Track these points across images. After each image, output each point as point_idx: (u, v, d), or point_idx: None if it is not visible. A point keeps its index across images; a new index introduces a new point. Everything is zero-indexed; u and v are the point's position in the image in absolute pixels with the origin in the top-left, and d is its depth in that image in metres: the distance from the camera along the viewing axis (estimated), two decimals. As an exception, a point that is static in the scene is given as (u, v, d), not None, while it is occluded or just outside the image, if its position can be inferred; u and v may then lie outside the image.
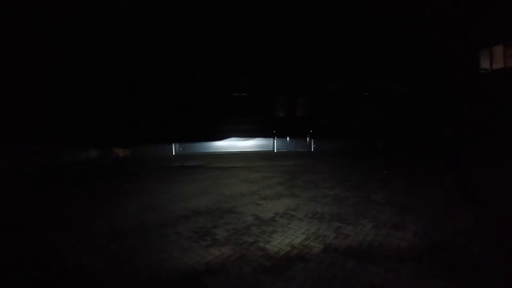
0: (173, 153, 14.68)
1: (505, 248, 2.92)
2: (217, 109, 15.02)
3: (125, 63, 12.91)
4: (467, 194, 5.20)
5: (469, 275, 2.39)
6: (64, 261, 2.84)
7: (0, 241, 3.49)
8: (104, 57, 12.08)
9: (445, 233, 3.32)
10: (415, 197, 5.05)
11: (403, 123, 15.23)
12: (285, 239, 3.25)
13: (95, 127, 12.68)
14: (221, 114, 15.01)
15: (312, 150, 15.79)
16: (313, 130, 15.76)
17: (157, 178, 7.60)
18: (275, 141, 15.61)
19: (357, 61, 14.59)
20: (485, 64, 11.94)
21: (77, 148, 11.68)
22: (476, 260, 2.66)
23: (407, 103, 15.10)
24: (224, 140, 15.31)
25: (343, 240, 3.16)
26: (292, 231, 3.48)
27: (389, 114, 15.73)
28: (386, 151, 14.58)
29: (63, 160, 10.61)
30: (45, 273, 2.63)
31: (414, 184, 6.16)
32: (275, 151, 15.54)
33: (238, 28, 12.75)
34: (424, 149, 13.63)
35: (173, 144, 14.77)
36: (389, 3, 11.43)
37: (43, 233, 3.68)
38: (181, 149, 14.89)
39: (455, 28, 12.15)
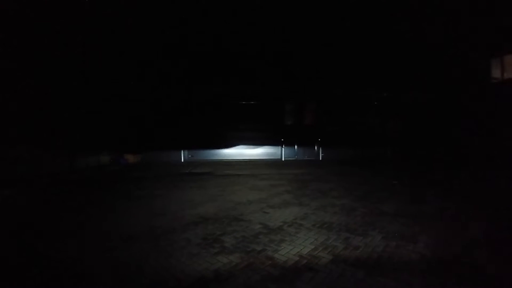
0: (182, 160, 14.84)
1: (521, 263, 2.83)
2: (226, 117, 15.18)
3: (135, 69, 13.29)
4: (480, 205, 5.07)
5: (483, 290, 2.33)
6: (72, 264, 2.91)
7: (10, 243, 3.60)
8: (115, 63, 12.47)
9: (456, 245, 3.25)
10: (426, 208, 4.95)
11: (413, 131, 15.03)
12: (294, 248, 3.24)
13: (106, 133, 13.00)
14: (230, 122, 15.15)
15: (320, 158, 15.69)
16: (321, 138, 15.70)
17: (166, 184, 7.70)
18: (283, 149, 15.60)
19: (367, 69, 14.60)
20: (496, 73, 11.78)
21: (88, 153, 11.96)
22: (486, 273, 2.59)
23: (417, 111, 14.92)
24: (232, 148, 15.40)
25: (353, 251, 3.13)
26: (301, 241, 3.47)
27: (399, 122, 15.56)
28: (396, 160, 14.36)
29: (75, 165, 10.87)
30: (54, 275, 2.70)
31: (424, 195, 6.04)
32: (283, 159, 15.52)
33: (246, 35, 12.99)
34: (435, 159, 13.36)
35: (181, 151, 14.95)
36: (400, 10, 11.48)
37: (53, 236, 3.78)
38: (189, 156, 15.05)
39: (466, 36, 12.07)
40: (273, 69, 14.50)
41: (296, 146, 15.74)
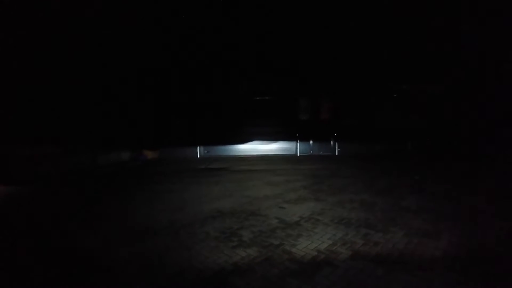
0: (198, 156, 15.09)
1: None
2: (241, 112, 15.23)
3: (151, 66, 13.55)
4: (504, 201, 4.80)
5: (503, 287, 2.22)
6: (95, 256, 3.07)
7: (36, 237, 3.84)
8: (131, 61, 12.75)
9: (480, 242, 3.11)
10: (449, 204, 4.75)
11: (434, 125, 14.40)
12: (311, 243, 3.23)
13: (127, 131, 13.45)
14: (245, 118, 15.19)
15: (337, 153, 15.41)
16: (337, 133, 15.39)
17: (183, 179, 7.87)
18: (298, 144, 15.45)
19: (385, 61, 14.09)
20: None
21: (110, 150, 12.45)
22: (510, 271, 2.47)
23: (439, 104, 14.27)
24: (247, 144, 15.44)
25: (372, 247, 3.07)
26: (318, 236, 3.45)
27: (420, 115, 14.94)
28: (416, 155, 13.83)
29: (97, 161, 11.36)
30: (77, 267, 2.86)
31: (447, 190, 5.79)
32: (298, 154, 15.38)
33: (260, 31, 12.87)
34: (459, 153, 12.75)
35: (198, 147, 15.19)
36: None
37: (76, 230, 3.98)
38: (205, 152, 15.27)
39: (487, 25, 11.31)
40: (287, 64, 14.31)
41: (311, 141, 15.54)
